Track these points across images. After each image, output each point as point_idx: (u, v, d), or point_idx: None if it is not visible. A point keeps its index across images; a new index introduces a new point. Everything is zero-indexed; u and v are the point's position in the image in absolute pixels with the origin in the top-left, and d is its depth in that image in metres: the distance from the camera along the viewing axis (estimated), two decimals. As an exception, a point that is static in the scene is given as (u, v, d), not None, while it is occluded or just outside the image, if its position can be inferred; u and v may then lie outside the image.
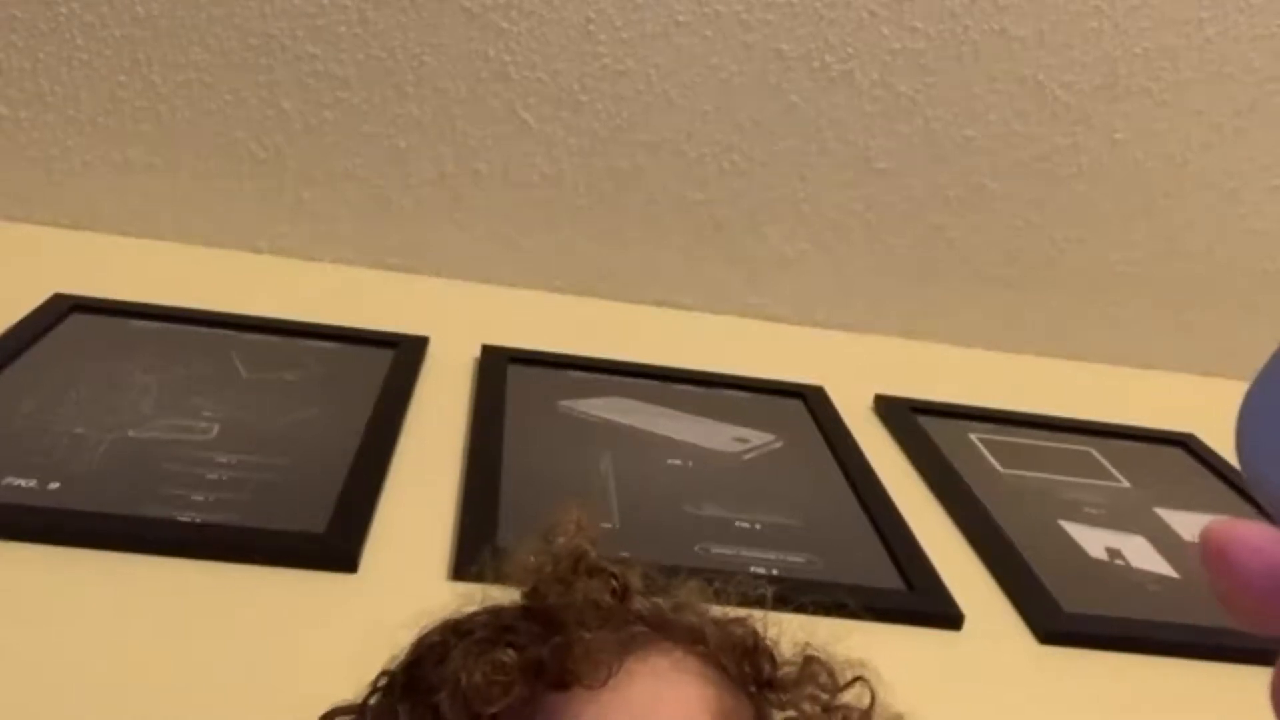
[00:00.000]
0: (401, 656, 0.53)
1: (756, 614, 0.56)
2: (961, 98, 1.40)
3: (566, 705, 0.47)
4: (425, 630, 0.52)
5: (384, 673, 0.53)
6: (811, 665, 0.54)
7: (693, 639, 0.52)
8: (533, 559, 0.54)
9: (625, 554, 0.55)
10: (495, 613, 0.52)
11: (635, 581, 0.54)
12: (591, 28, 1.33)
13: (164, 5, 1.28)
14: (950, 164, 1.44)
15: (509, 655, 0.48)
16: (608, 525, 0.96)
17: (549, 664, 0.48)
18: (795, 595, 0.63)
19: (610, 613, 0.51)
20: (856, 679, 0.54)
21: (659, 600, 0.54)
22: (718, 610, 0.56)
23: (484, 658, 0.48)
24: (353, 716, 0.53)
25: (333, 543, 0.86)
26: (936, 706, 0.78)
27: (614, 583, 0.53)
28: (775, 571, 0.93)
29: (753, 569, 0.93)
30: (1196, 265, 1.53)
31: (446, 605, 0.55)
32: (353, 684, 0.54)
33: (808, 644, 0.55)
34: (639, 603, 0.53)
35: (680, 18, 1.33)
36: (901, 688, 0.55)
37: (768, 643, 0.55)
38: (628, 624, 0.51)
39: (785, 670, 0.54)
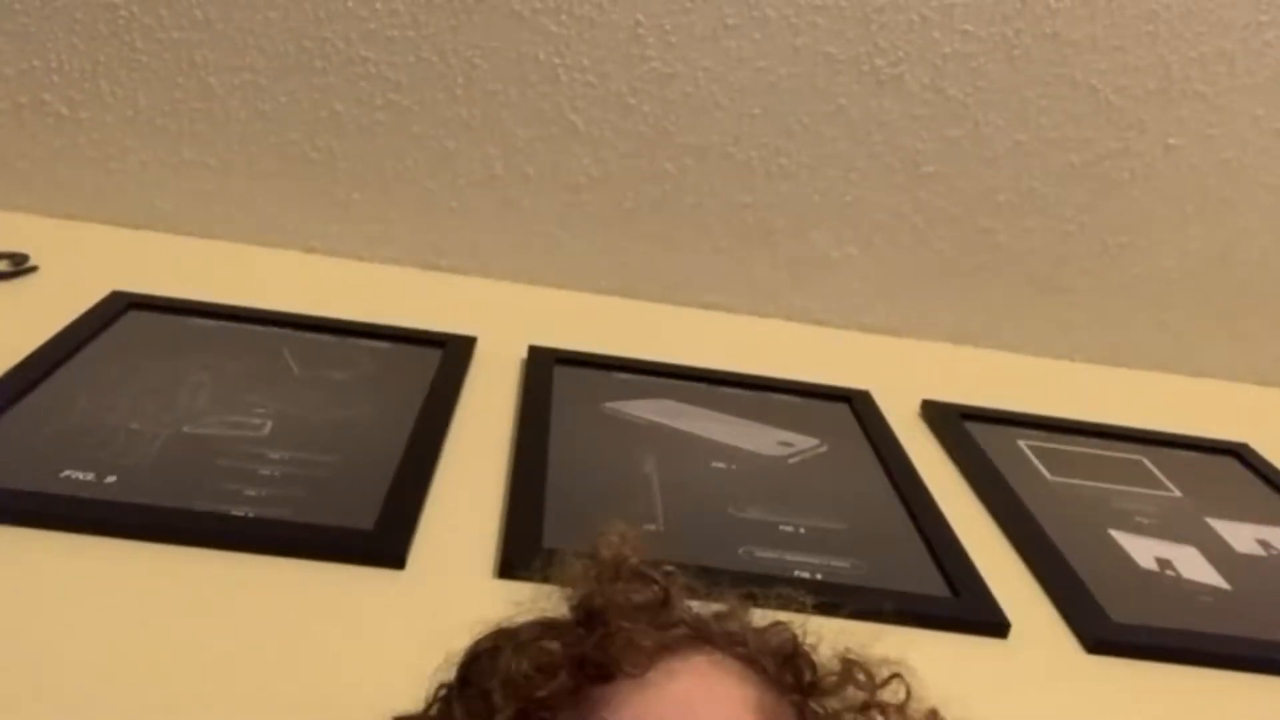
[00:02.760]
0: (456, 664, 0.54)
1: (796, 619, 0.56)
2: (1013, 101, 1.39)
3: (610, 698, 0.48)
4: (477, 637, 0.54)
5: (442, 685, 0.54)
6: (850, 668, 0.55)
7: (733, 643, 0.53)
8: (579, 567, 0.56)
9: (669, 566, 0.56)
10: (543, 619, 0.54)
11: (677, 588, 0.55)
12: (640, 31, 1.33)
13: (221, 9, 1.30)
14: (1000, 168, 1.42)
15: (554, 646, 0.50)
16: (652, 527, 0.96)
17: (592, 655, 0.49)
18: (836, 602, 0.63)
19: (653, 613, 0.52)
20: (893, 676, 0.55)
21: (700, 607, 0.55)
22: (758, 615, 0.56)
23: (531, 650, 0.50)
24: None
25: (381, 540, 0.87)
26: (981, 715, 0.78)
27: (656, 588, 0.54)
28: (819, 576, 0.93)
29: (796, 573, 0.93)
30: (1251, 272, 1.51)
31: (493, 604, 0.56)
32: (399, 679, 0.55)
33: (847, 649, 0.55)
34: (681, 608, 0.54)
35: (729, 21, 1.33)
36: (946, 696, 0.55)
37: (806, 648, 0.55)
38: (670, 626, 0.52)
39: (825, 675, 0.54)
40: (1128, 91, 1.39)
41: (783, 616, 0.58)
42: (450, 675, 0.55)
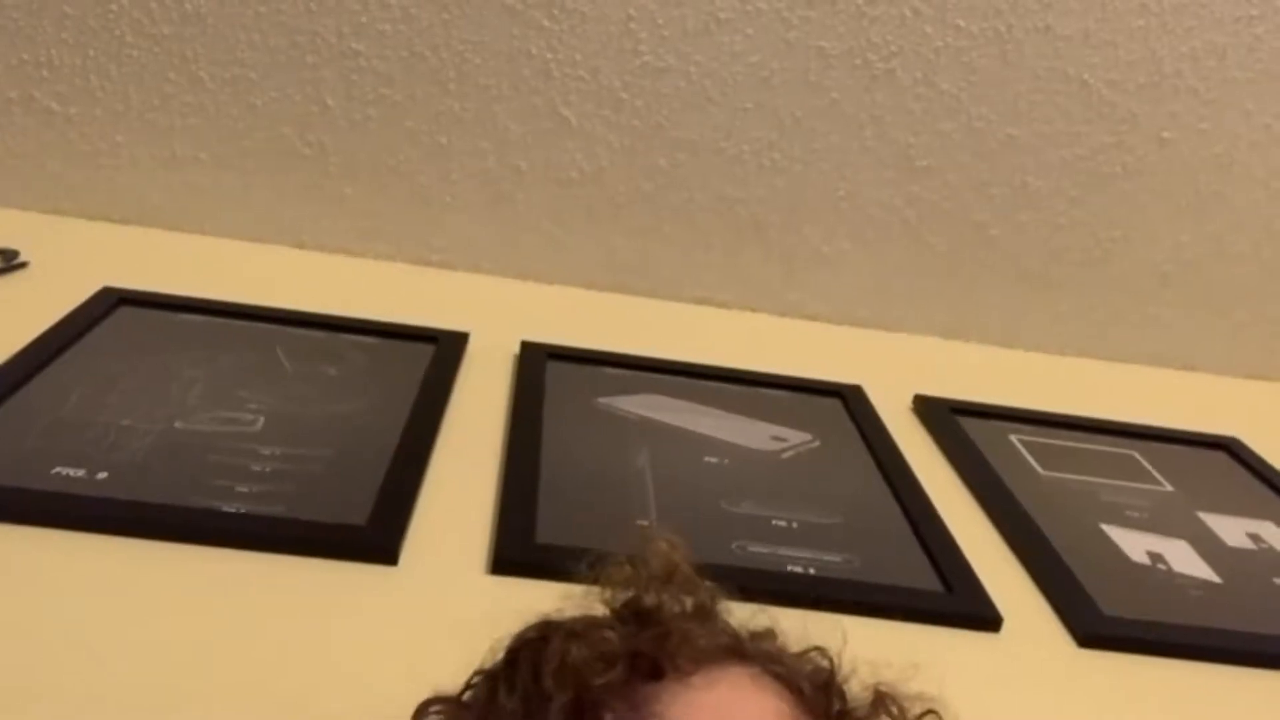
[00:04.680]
0: (500, 655, 0.54)
1: (833, 649, 0.57)
2: (1005, 96, 1.39)
3: (657, 695, 0.49)
4: (523, 629, 0.54)
5: (478, 672, 0.55)
6: (883, 700, 0.55)
7: (771, 661, 0.54)
8: (628, 570, 0.56)
9: (709, 581, 0.57)
10: (590, 615, 0.55)
11: (720, 602, 0.56)
12: (633, 25, 1.33)
13: (212, 3, 1.30)
14: (993, 162, 1.43)
15: (611, 635, 0.51)
16: (644, 522, 0.96)
17: (646, 651, 0.50)
18: (830, 597, 0.64)
19: (700, 621, 0.54)
20: (926, 712, 0.55)
21: (738, 627, 0.56)
22: (794, 636, 0.57)
23: (590, 638, 0.51)
24: (449, 705, 0.54)
25: (374, 535, 0.87)
26: (974, 709, 0.78)
27: (704, 597, 0.55)
28: (812, 571, 0.93)
29: (789, 568, 0.93)
30: (1243, 266, 1.51)
31: (486, 600, 0.56)
32: (392, 674, 0.55)
33: (879, 683, 0.56)
34: (723, 621, 0.55)
35: (721, 15, 1.33)
36: (939, 689, 0.55)
37: (839, 680, 0.56)
38: (716, 634, 0.53)
39: (856, 707, 0.55)
40: (1120, 86, 1.39)
41: (777, 613, 0.58)
42: (489, 663, 0.55)
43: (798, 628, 0.58)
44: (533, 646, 0.52)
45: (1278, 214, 1.48)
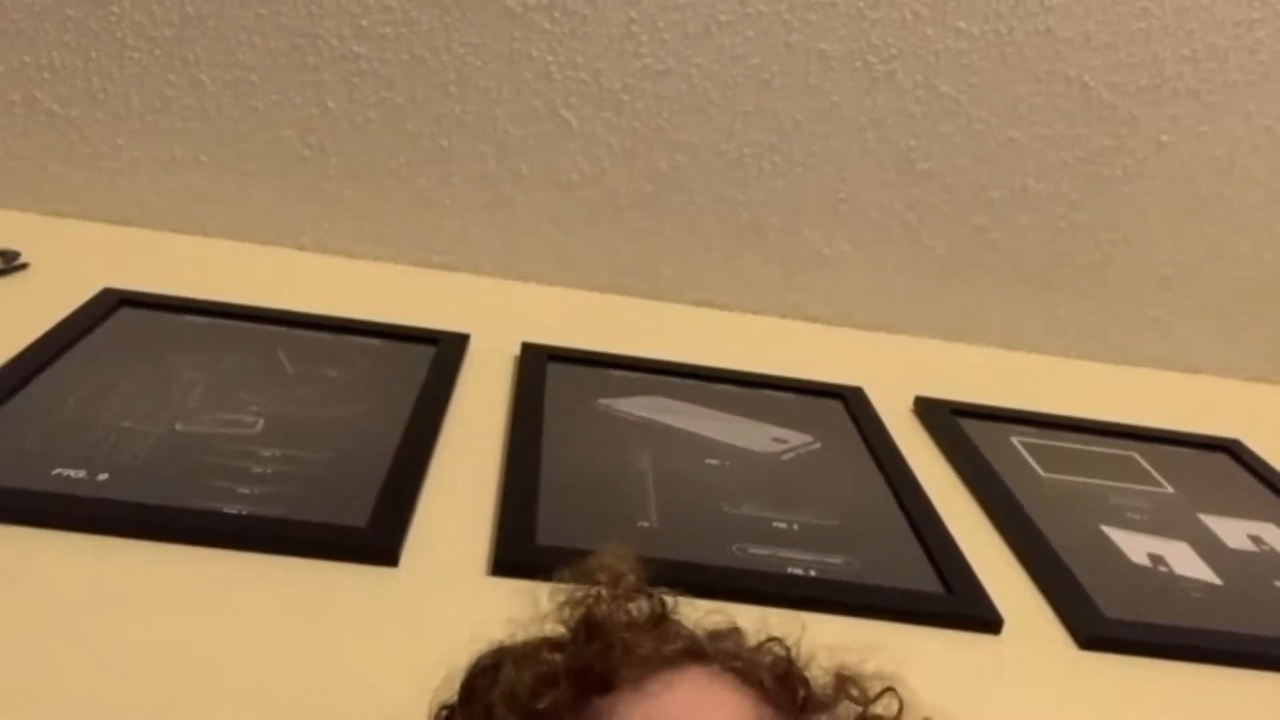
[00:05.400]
0: (457, 683, 0.55)
1: (790, 638, 0.57)
2: (1005, 99, 1.39)
3: (612, 708, 0.49)
4: (478, 655, 0.55)
5: (443, 706, 0.55)
6: (844, 684, 0.55)
7: (729, 658, 0.54)
8: (575, 589, 0.56)
9: (664, 587, 0.57)
10: (544, 636, 0.55)
11: (672, 606, 0.56)
12: (633, 28, 1.33)
13: (213, 5, 1.30)
14: (993, 165, 1.43)
15: (555, 658, 0.51)
16: (645, 524, 0.96)
17: (593, 665, 0.50)
18: (831, 598, 0.64)
19: (652, 624, 0.54)
20: (885, 690, 0.55)
21: (694, 628, 0.56)
22: (750, 631, 0.57)
23: (531, 662, 0.51)
24: None
25: (374, 537, 0.87)
26: (975, 711, 0.78)
27: (654, 603, 0.55)
28: (813, 573, 0.93)
29: (790, 570, 0.93)
30: (1243, 269, 1.51)
31: (486, 601, 0.56)
32: (392, 676, 0.55)
33: (840, 665, 0.56)
34: (677, 625, 0.55)
35: (722, 18, 1.33)
36: (939, 691, 0.55)
37: (799, 666, 0.56)
38: (668, 640, 0.53)
39: (819, 691, 0.55)
40: (1120, 88, 1.39)
41: (777, 613, 0.58)
42: (450, 696, 0.55)
43: (798, 629, 0.57)
44: (485, 675, 0.53)
45: (1278, 216, 1.48)
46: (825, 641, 0.57)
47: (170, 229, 1.41)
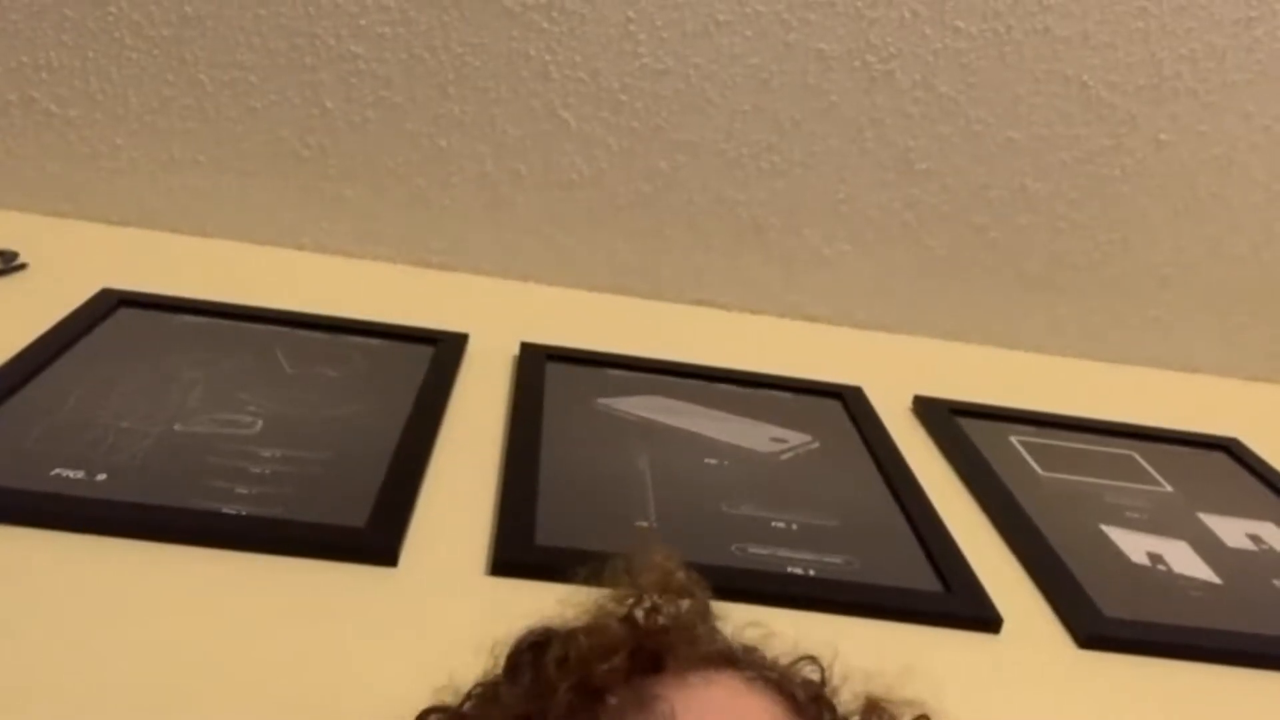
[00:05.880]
0: (500, 662, 0.55)
1: (823, 660, 0.57)
2: (1004, 98, 1.39)
3: (657, 687, 0.49)
4: (523, 634, 0.55)
5: (479, 684, 0.55)
6: (874, 709, 0.55)
7: (764, 667, 0.54)
8: (624, 576, 0.57)
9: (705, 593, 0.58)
10: (606, 610, 0.55)
11: (713, 611, 0.57)
12: (632, 27, 1.33)
13: (211, 5, 1.30)
14: (992, 165, 1.43)
15: (614, 628, 0.52)
16: (644, 524, 0.96)
17: (648, 644, 0.51)
18: (830, 598, 0.64)
19: (702, 620, 0.55)
20: (919, 717, 0.55)
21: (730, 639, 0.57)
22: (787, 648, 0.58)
23: (589, 632, 0.52)
24: (448, 715, 0.54)
25: (373, 537, 0.87)
26: (974, 710, 0.78)
27: (699, 603, 0.56)
28: (812, 572, 0.93)
29: (789, 569, 0.93)
30: (1242, 268, 1.51)
31: (484, 599, 0.56)
32: (391, 675, 0.55)
33: (870, 692, 0.56)
34: (716, 629, 0.56)
35: (720, 17, 1.33)
36: (938, 691, 0.55)
37: (829, 692, 0.56)
38: (714, 641, 0.54)
39: (848, 715, 0.55)
40: (1119, 88, 1.39)
41: (778, 614, 0.58)
42: (486, 674, 0.55)
43: (797, 630, 0.57)
44: (535, 647, 0.53)
45: (1277, 216, 1.48)
46: (860, 662, 0.56)
47: (169, 229, 1.41)
